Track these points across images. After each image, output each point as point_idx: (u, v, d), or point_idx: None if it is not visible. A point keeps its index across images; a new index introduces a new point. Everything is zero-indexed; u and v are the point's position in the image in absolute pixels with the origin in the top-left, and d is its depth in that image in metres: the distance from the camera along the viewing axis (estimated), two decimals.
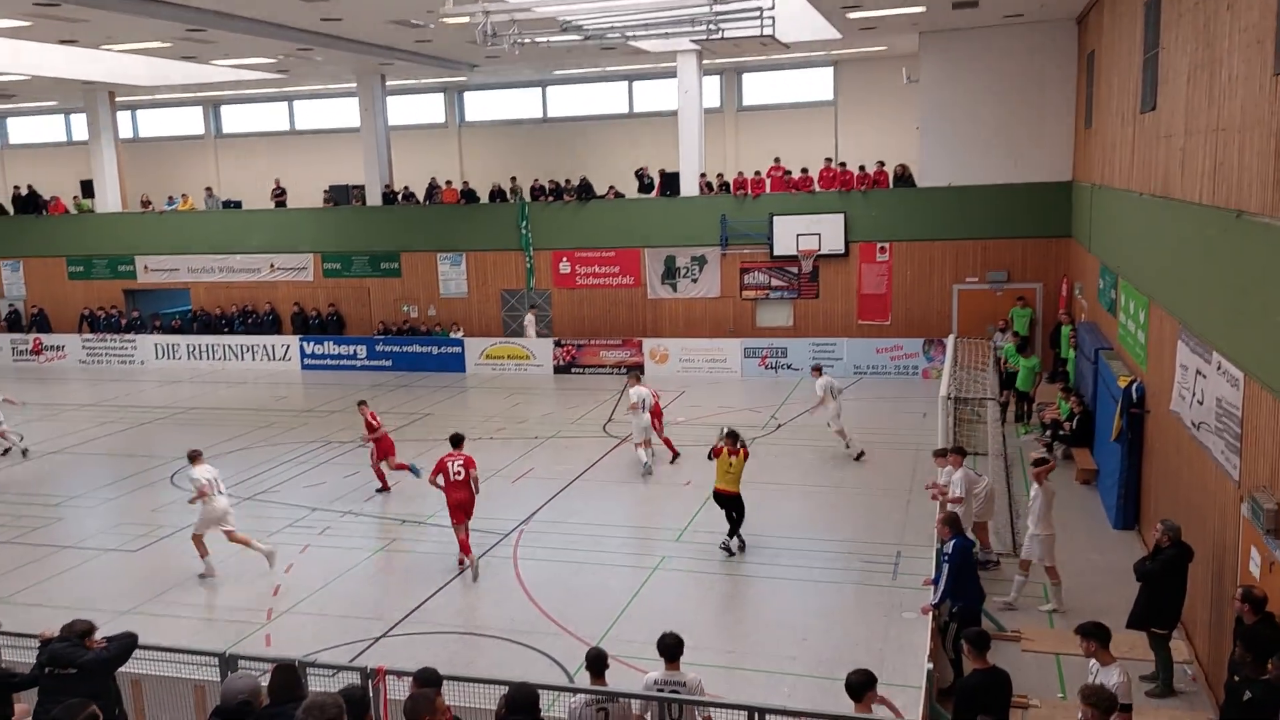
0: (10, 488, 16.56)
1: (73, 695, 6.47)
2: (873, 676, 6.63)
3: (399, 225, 27.25)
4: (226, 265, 28.46)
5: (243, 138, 34.03)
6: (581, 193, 25.94)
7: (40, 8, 16.33)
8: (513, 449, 17.94)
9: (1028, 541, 10.74)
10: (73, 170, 32.43)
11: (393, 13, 17.88)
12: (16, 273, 30.23)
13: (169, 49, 22.14)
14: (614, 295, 25.70)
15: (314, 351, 26.80)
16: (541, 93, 31.41)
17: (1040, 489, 10.68)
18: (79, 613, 9.02)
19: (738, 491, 12.61)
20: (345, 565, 12.69)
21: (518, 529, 13.73)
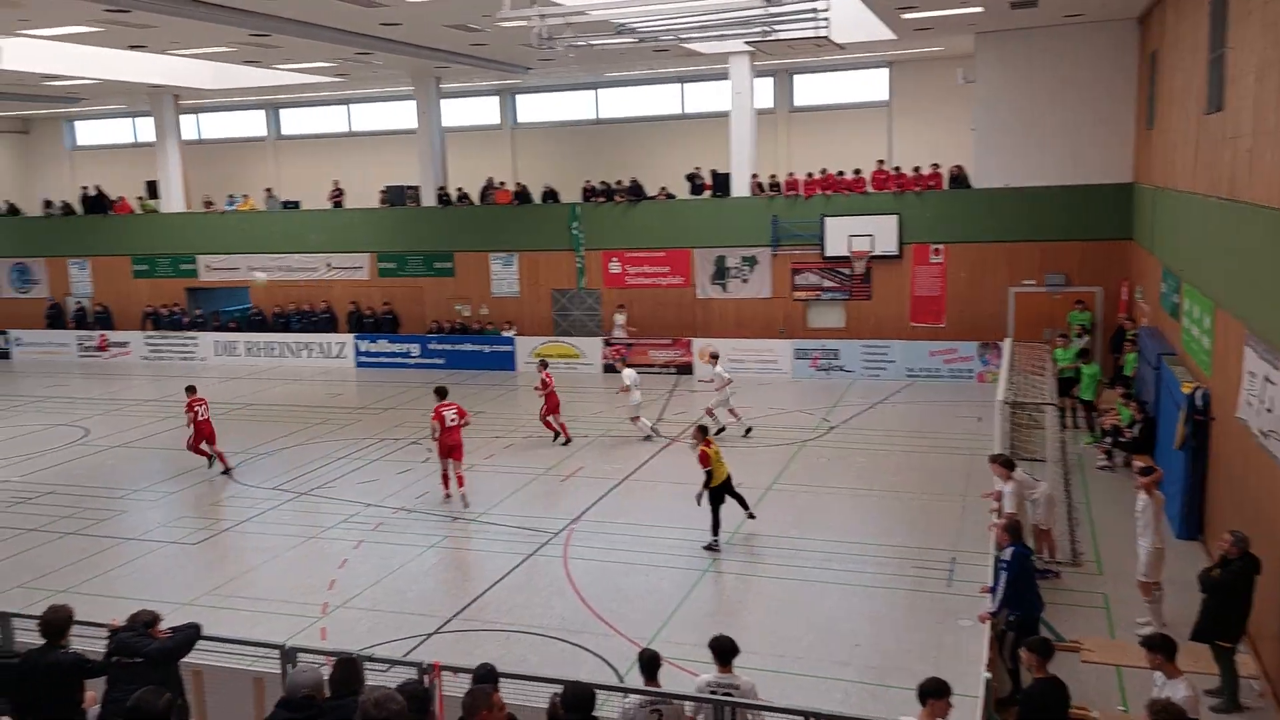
0: (76, 481, 17.01)
1: (139, 684, 6.62)
2: (947, 687, 6.53)
3: (453, 225, 27.55)
4: (285, 264, 28.97)
5: (302, 140, 34.62)
6: (632, 193, 26.01)
7: (111, 14, 16.77)
8: (561, 448, 18.02)
9: (1142, 557, 10.07)
10: (138, 171, 33.22)
11: (450, 17, 18.07)
12: (84, 271, 31.04)
13: (233, 53, 22.63)
14: (663, 295, 25.72)
15: (368, 349, 27.18)
16: (594, 95, 31.54)
17: (1149, 499, 10.00)
18: (143, 603, 9.25)
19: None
20: (399, 561, 12.85)
21: (567, 528, 13.80)
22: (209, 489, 16.37)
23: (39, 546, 13.75)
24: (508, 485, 15.98)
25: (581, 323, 26.53)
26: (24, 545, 13.81)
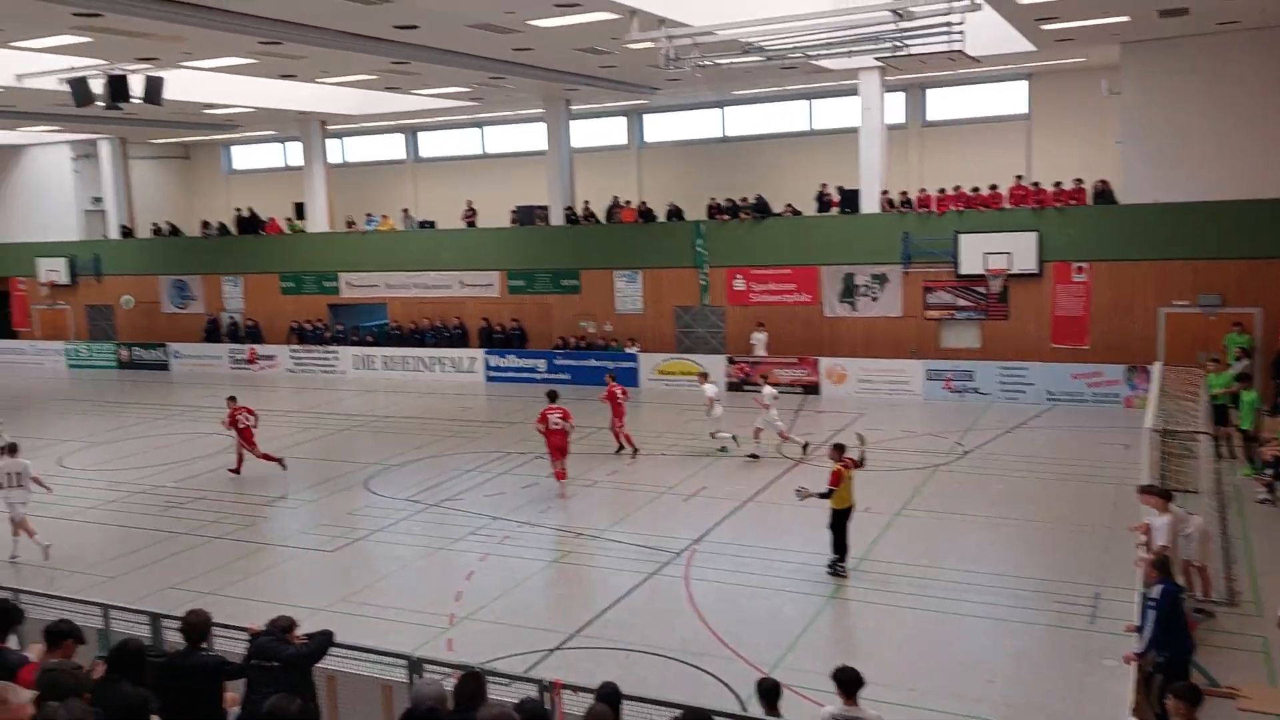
0: (224, 487, 17.91)
1: (276, 687, 6.88)
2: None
3: (579, 244, 27.97)
4: (420, 282, 29.95)
5: (438, 162, 35.80)
6: (758, 210, 25.87)
7: (265, 46, 17.73)
8: (685, 466, 17.98)
9: None
10: (288, 194, 34.97)
11: (579, 40, 18.40)
12: (237, 288, 32.82)
13: (375, 81, 23.61)
14: (790, 313, 25.44)
15: (498, 364, 27.80)
16: (720, 113, 31.56)
17: None
18: (281, 608, 9.62)
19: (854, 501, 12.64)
20: (523, 575, 13.02)
21: (689, 548, 13.72)
22: (345, 497, 16.97)
23: (189, 550, 14.51)
24: (630, 503, 16.02)
25: (705, 340, 26.49)
26: (175, 548, 14.60)
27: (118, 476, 18.83)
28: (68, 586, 11.85)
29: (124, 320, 34.57)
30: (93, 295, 34.97)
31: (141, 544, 14.89)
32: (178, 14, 14.24)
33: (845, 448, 12.91)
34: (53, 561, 14.05)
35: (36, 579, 12.35)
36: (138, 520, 16.11)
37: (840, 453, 12.75)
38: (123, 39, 16.53)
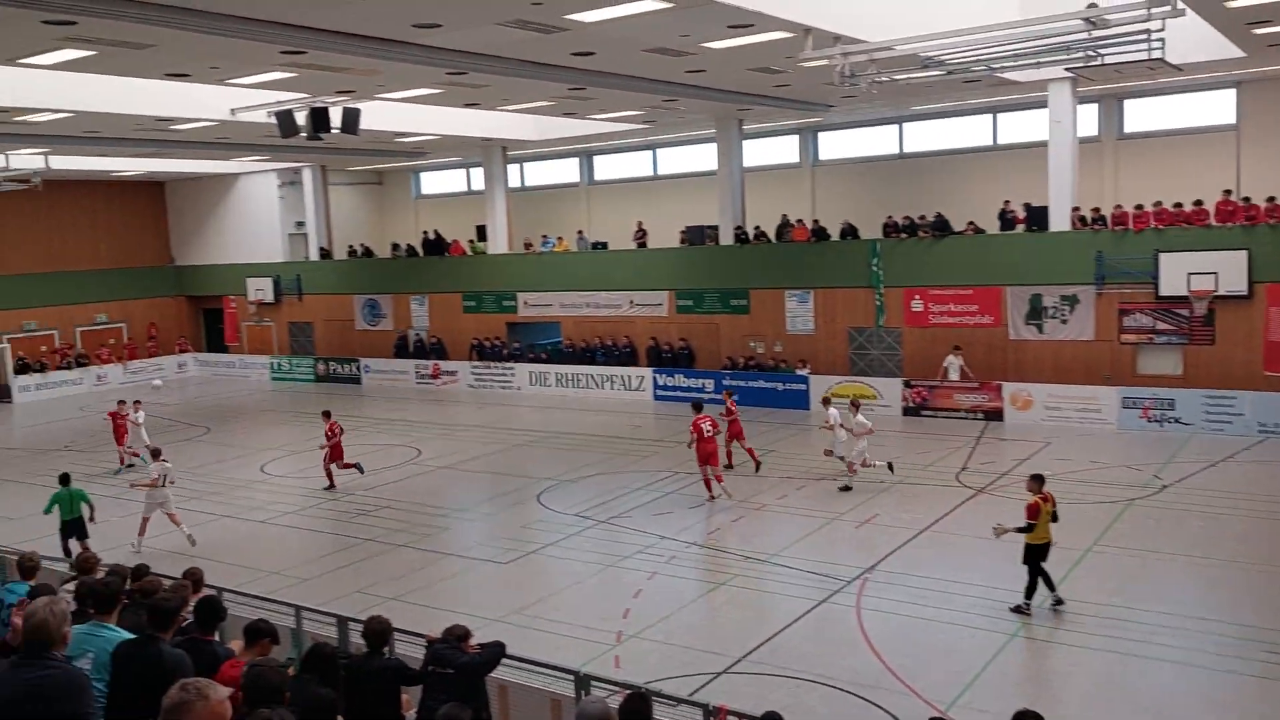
0: (409, 497, 18.75)
1: (450, 694, 7.12)
2: None
3: (749, 263, 27.87)
4: (592, 301, 30.60)
5: (611, 184, 36.54)
6: (937, 228, 25.06)
7: (451, 76, 18.60)
8: (856, 493, 17.53)
9: None
10: (470, 217, 36.48)
11: (753, 60, 18.39)
12: (423, 306, 34.48)
13: (553, 107, 24.37)
14: (971, 335, 24.46)
15: (666, 383, 28.00)
16: (898, 129, 30.80)
17: None
18: (458, 617, 9.98)
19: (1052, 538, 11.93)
20: (690, 596, 13.01)
21: (861, 576, 13.35)
22: (520, 511, 17.45)
23: (374, 556, 15.27)
24: (800, 528, 15.76)
25: (880, 362, 25.83)
26: (363, 554, 15.39)
27: (313, 484, 20.04)
28: (264, 587, 12.66)
29: (321, 336, 36.91)
30: (294, 313, 37.54)
31: (332, 549, 15.78)
32: (373, 49, 15.12)
33: (1044, 479, 12.20)
34: (251, 562, 15.09)
35: (236, 578, 13.26)
36: (329, 526, 17.09)
37: (1039, 484, 12.05)
38: (324, 74, 17.71)
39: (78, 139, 25.12)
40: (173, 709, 3.59)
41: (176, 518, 16.23)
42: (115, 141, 25.97)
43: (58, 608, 4.77)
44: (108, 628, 5.99)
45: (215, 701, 3.63)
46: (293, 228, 38.44)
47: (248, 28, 13.23)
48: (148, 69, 16.82)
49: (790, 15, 14.58)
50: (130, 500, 17.93)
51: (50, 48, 14.41)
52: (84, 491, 15.66)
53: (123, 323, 38.95)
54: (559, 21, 14.20)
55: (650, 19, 14.21)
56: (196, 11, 12.42)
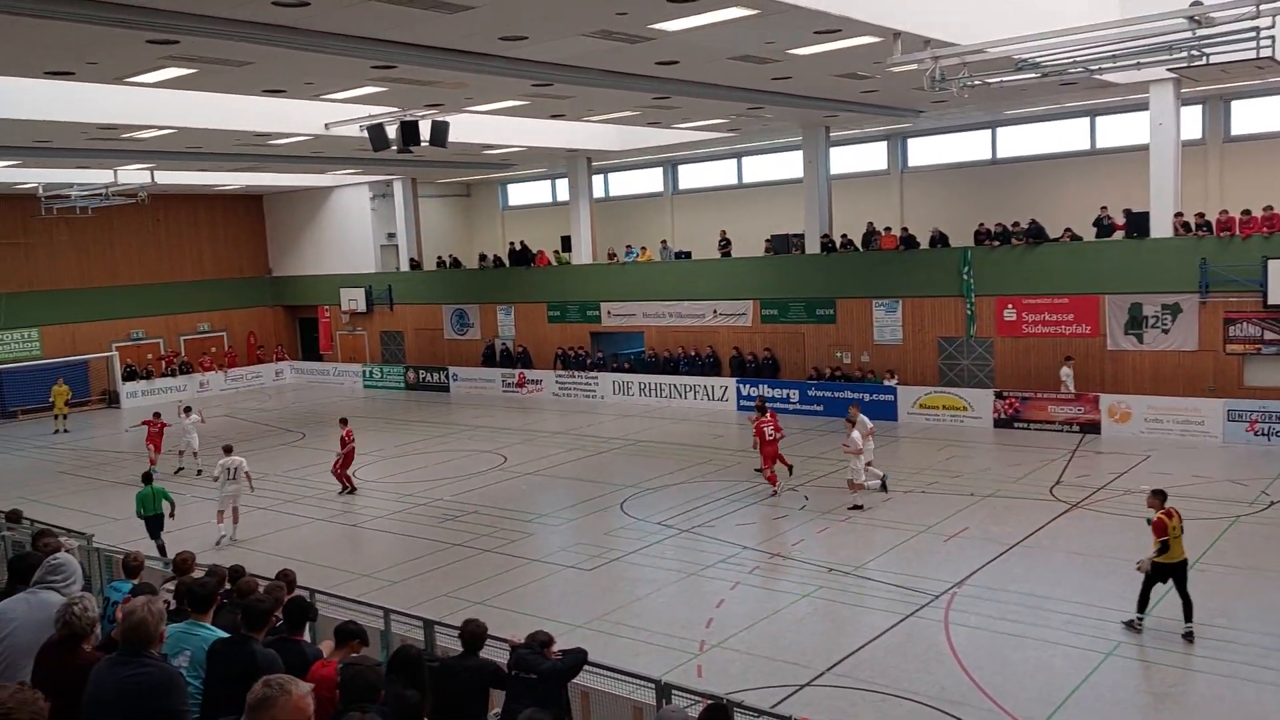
0: (494, 503, 18.99)
1: (532, 699, 7.16)
2: None
3: (835, 272, 27.54)
4: (675, 311, 30.61)
5: (695, 193, 36.53)
6: (1032, 235, 24.40)
7: (536, 88, 18.84)
8: (945, 505, 17.14)
9: None
10: (555, 228, 36.89)
11: (839, 67, 18.19)
12: (509, 316, 34.96)
13: (637, 117, 24.48)
14: (1066, 345, 23.73)
15: (749, 394, 27.80)
16: (991, 133, 30.10)
17: None
18: (542, 623, 10.04)
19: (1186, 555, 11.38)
20: (773, 606, 12.87)
21: (949, 590, 13.04)
22: (603, 518, 17.52)
23: (461, 561, 15.49)
24: (886, 540, 15.47)
25: (970, 373, 25.24)
26: (450, 558, 15.63)
27: (403, 489, 20.45)
28: (355, 589, 12.95)
29: (412, 345, 37.71)
30: (386, 322, 38.45)
31: (420, 553, 16.07)
32: (461, 62, 15.41)
33: (1165, 494, 11.64)
34: (344, 564, 15.45)
35: (329, 579, 13.59)
36: (418, 530, 17.40)
37: (1161, 500, 11.49)
38: (413, 87, 18.11)
39: (181, 154, 26.17)
40: (257, 704, 3.69)
41: (234, 515, 17.39)
42: (216, 156, 27.00)
43: (155, 607, 4.94)
44: (204, 626, 6.18)
45: (297, 696, 3.72)
46: (384, 239, 39.39)
47: (341, 44, 13.61)
48: (246, 86, 17.44)
49: (879, 20, 14.37)
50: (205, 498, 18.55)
51: (154, 66, 15.04)
52: (165, 490, 16.67)
53: (223, 331, 40.42)
54: (643, 31, 14.26)
55: (735, 27, 14.17)
56: (293, 29, 12.82)
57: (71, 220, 34.00)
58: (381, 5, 11.94)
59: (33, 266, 35.14)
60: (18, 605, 5.77)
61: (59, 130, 20.64)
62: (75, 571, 6.10)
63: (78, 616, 5.17)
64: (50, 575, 5.95)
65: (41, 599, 5.79)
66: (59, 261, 35.79)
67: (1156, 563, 11.29)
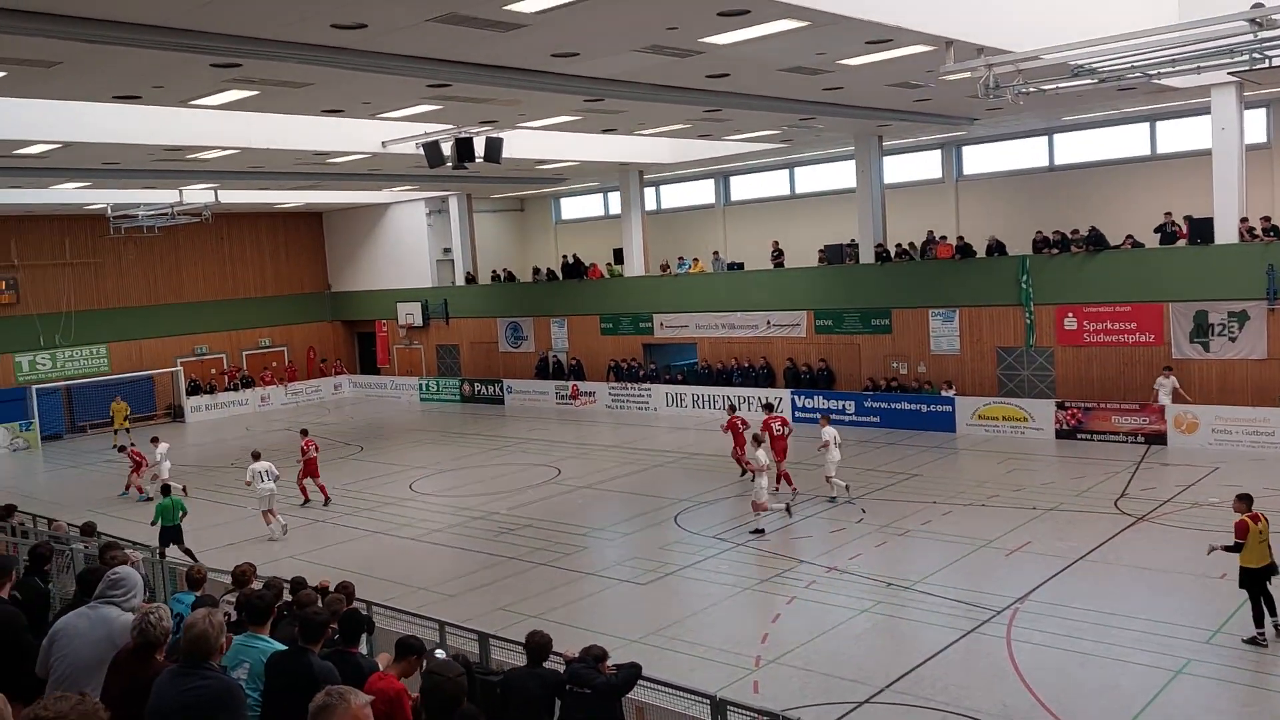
0: (549, 516, 19.07)
1: (587, 714, 7.19)
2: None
3: (891, 282, 27.27)
4: (728, 322, 30.54)
5: (747, 204, 36.47)
6: (1091, 243, 23.92)
7: (589, 103, 18.97)
8: (1007, 518, 16.83)
9: None
10: (608, 240, 37.05)
11: (892, 76, 18.05)
12: (562, 328, 35.17)
13: (688, 129, 24.52)
14: (1130, 354, 23.22)
15: (804, 405, 27.61)
16: (1047, 140, 29.63)
17: None
18: (597, 636, 10.06)
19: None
20: (831, 622, 12.73)
21: (1011, 606, 12.79)
22: (657, 532, 17.49)
23: (516, 574, 15.57)
24: (946, 554, 15.23)
25: (1030, 383, 24.79)
26: (505, 572, 15.73)
27: (459, 502, 20.63)
28: (412, 602, 13.07)
29: (467, 358, 38.12)
30: (442, 336, 38.91)
31: (476, 566, 16.19)
32: (515, 79, 15.58)
33: (1251, 498, 11.49)
34: (401, 577, 15.62)
35: (386, 592, 13.75)
36: (474, 544, 17.54)
37: (1247, 504, 11.37)
38: (468, 105, 18.35)
39: (243, 174, 26.80)
40: (317, 711, 3.77)
41: (267, 517, 18.70)
42: (277, 175, 27.60)
43: (216, 619, 5.04)
44: (262, 639, 6.26)
45: (356, 706, 3.79)
46: (440, 254, 39.90)
47: (398, 64, 13.84)
48: (306, 106, 17.81)
49: (931, 28, 14.25)
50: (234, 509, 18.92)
51: (218, 89, 15.44)
52: (181, 501, 17.54)
53: (283, 346, 41.22)
54: (694, 45, 14.30)
55: (786, 39, 14.14)
56: (351, 50, 13.08)
57: (139, 239, 35.00)
58: (437, 26, 12.13)
59: (101, 285, 36.19)
60: (79, 620, 5.89)
61: (127, 152, 21.26)
62: (136, 584, 6.18)
63: (153, 625, 5.30)
64: (110, 590, 6.03)
65: (102, 614, 5.90)
66: (126, 279, 36.81)
67: (1245, 568, 11.12)
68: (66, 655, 5.70)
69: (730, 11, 12.37)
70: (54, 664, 5.70)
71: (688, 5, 12.04)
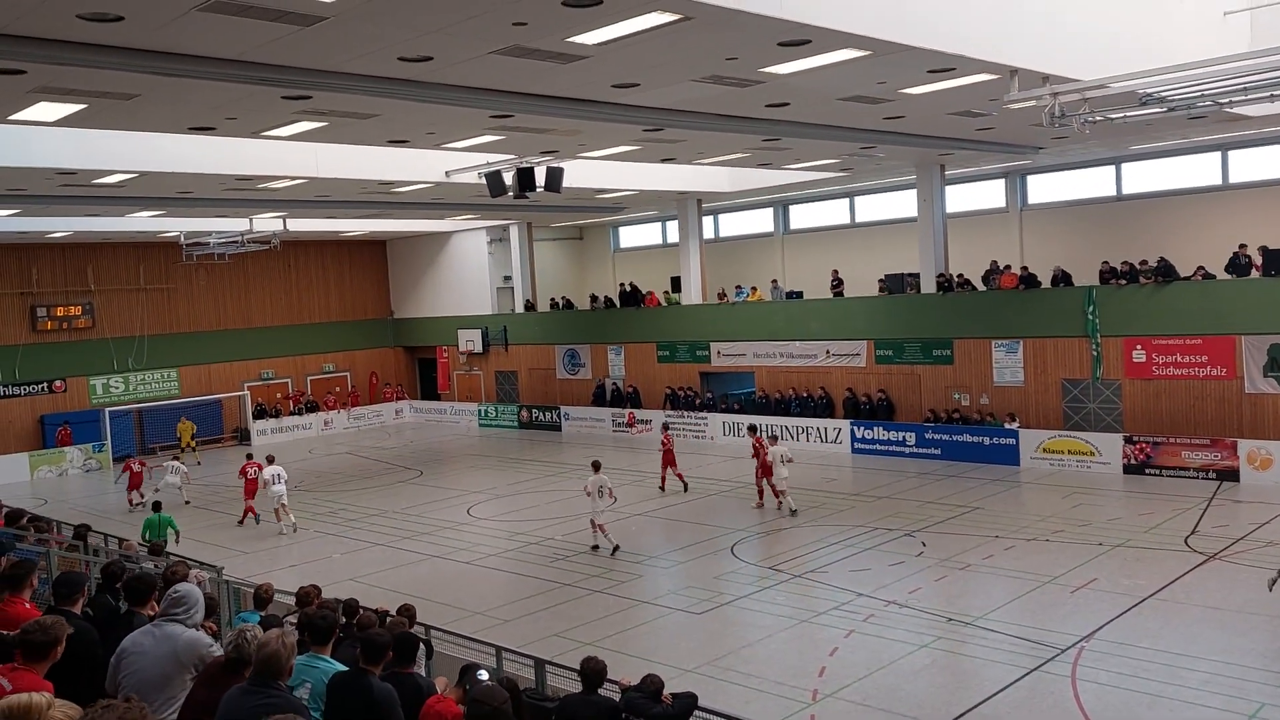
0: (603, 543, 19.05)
1: None
2: None
3: (952, 312, 26.93)
4: (786, 351, 30.38)
5: (806, 233, 36.39)
6: (1161, 274, 23.40)
7: (648, 133, 19.14)
8: (1072, 554, 16.43)
9: None
10: (665, 269, 37.18)
11: (955, 105, 17.92)
12: (619, 356, 35.31)
13: (747, 159, 24.58)
14: (1200, 388, 22.60)
15: (863, 436, 27.31)
16: (1115, 169, 29.12)
17: None
18: (651, 665, 10.03)
19: None
20: (890, 656, 12.51)
21: (1077, 645, 12.46)
22: (713, 561, 17.39)
23: (571, 601, 15.59)
24: (1009, 590, 14.90)
25: (1097, 416, 24.24)
26: (560, 598, 15.75)
27: (515, 527, 20.74)
28: (469, 626, 13.14)
29: (525, 384, 38.45)
30: (501, 362, 39.31)
31: (532, 592, 16.24)
32: (576, 110, 15.79)
33: None
34: (458, 601, 15.72)
35: (444, 616, 13.85)
36: (530, 569, 17.61)
37: None
38: (529, 135, 18.62)
39: (311, 202, 27.47)
40: None
41: (278, 514, 21.37)
42: (343, 204, 28.24)
43: (289, 640, 5.15)
44: (323, 659, 6.36)
45: None
46: (500, 281, 40.39)
47: (462, 95, 14.12)
48: (372, 137, 18.23)
49: (994, 57, 14.12)
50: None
51: (289, 120, 15.88)
52: (171, 519, 18.64)
53: (346, 371, 41.98)
54: (754, 75, 14.36)
55: (846, 68, 14.14)
56: (417, 83, 13.38)
57: (209, 266, 36.03)
58: (500, 58, 12.37)
59: (173, 310, 37.25)
60: (144, 638, 6.04)
61: (200, 181, 21.93)
62: (197, 601, 6.31)
63: (247, 643, 5.44)
64: (173, 608, 6.17)
65: (167, 631, 6.05)
66: (197, 305, 37.86)
67: None
68: (135, 672, 5.86)
69: (791, 42, 12.42)
70: (122, 681, 5.85)
71: (748, 36, 12.11)
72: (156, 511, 18.76)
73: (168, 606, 6.22)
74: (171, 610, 6.17)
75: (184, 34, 10.62)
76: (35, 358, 34.07)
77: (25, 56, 10.75)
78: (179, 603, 6.20)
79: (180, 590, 6.31)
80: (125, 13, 9.78)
